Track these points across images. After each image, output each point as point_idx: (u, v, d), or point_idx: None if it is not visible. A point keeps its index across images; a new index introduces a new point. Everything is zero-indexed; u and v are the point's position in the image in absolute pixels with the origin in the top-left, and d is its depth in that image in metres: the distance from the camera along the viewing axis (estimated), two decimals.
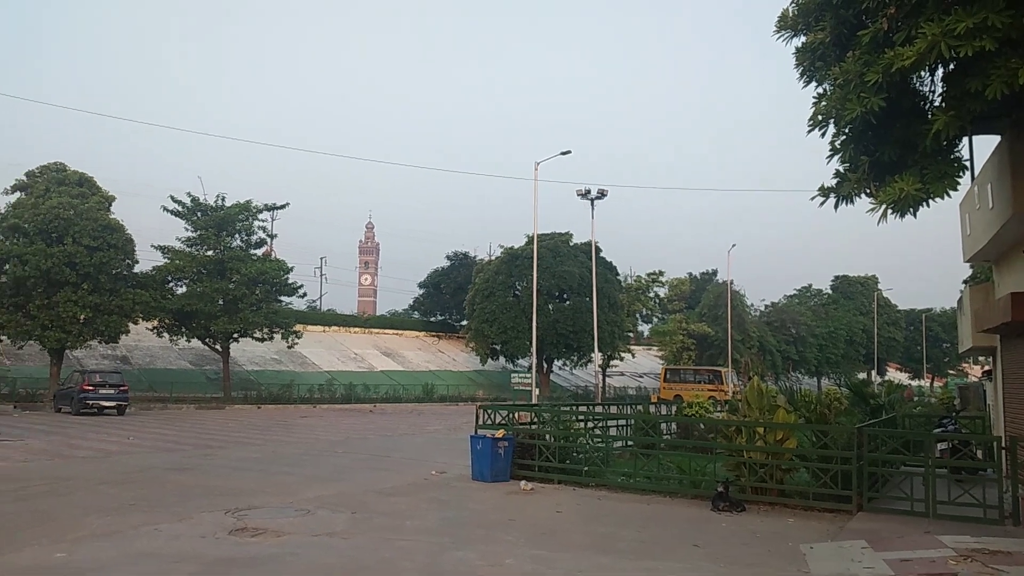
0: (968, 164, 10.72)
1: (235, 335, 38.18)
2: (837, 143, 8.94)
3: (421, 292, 66.74)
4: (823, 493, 10.63)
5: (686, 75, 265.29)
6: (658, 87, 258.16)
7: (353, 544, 8.12)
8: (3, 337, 32.93)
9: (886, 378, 66.61)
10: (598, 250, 46.68)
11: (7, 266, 30.91)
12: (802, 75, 9.27)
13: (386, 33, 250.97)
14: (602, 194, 41.15)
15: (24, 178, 33.63)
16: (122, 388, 29.26)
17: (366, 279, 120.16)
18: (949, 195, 8.16)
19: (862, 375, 67.10)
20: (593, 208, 41.44)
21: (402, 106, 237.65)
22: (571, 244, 51.97)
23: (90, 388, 28.37)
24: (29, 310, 31.36)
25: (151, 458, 15.59)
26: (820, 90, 9.01)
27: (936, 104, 8.33)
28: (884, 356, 76.56)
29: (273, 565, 7.08)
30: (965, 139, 10.77)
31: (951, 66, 7.88)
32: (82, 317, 31.86)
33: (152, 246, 38.13)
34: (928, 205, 8.28)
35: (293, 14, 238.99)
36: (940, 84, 8.42)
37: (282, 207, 42.11)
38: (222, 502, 10.34)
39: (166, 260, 37.32)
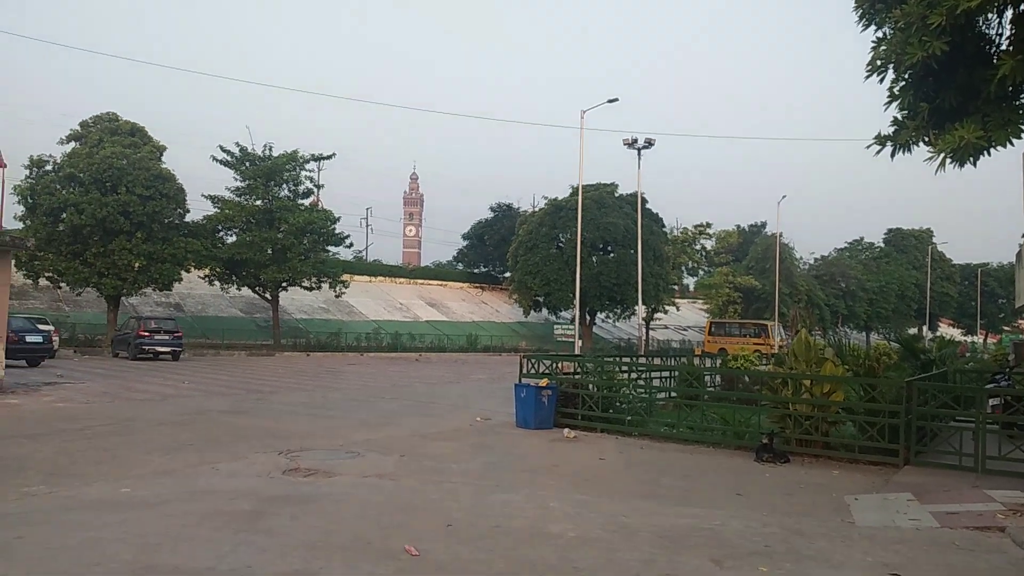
0: None
1: (284, 284, 38.90)
2: (896, 89, 8.64)
3: (465, 244, 67.05)
4: (869, 446, 10.56)
5: (737, 22, 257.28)
6: (709, 35, 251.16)
7: (401, 485, 8.35)
8: (63, 284, 34.09)
9: (938, 334, 65.25)
10: (644, 201, 46.13)
11: (64, 215, 31.80)
12: (861, 18, 8.94)
13: None
14: (649, 143, 40.47)
15: (78, 128, 34.34)
16: (176, 334, 30.17)
17: (410, 230, 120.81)
18: (1012, 143, 7.87)
19: (913, 331, 65.79)
20: (640, 158, 40.86)
21: (448, 56, 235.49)
22: (616, 195, 51.41)
23: (146, 334, 29.32)
24: (86, 258, 32.34)
25: (206, 401, 16.13)
26: (879, 34, 8.69)
27: (1003, 48, 7.99)
28: (936, 311, 74.92)
29: (325, 503, 7.34)
30: None
31: (1021, 7, 7.53)
32: (136, 265, 32.77)
33: (202, 195, 38.93)
34: (989, 154, 8.00)
35: None
36: (1008, 27, 8.05)
37: (328, 157, 42.34)
38: (275, 444, 10.70)
39: (216, 210, 38.01)
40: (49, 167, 32.96)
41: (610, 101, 33.80)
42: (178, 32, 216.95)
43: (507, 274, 57.40)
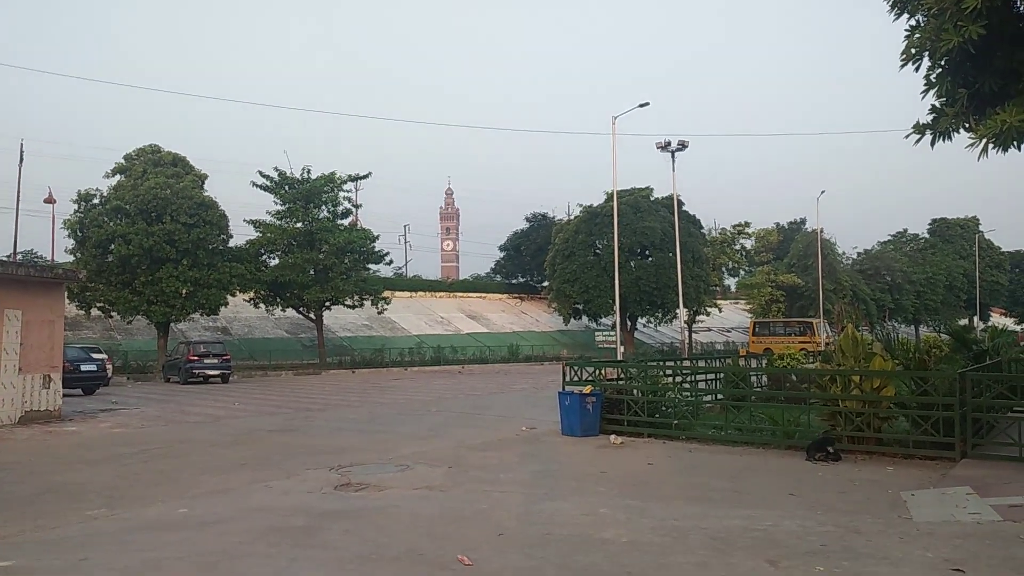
0: None
1: (327, 303, 39.38)
2: (932, 76, 8.50)
3: (502, 255, 67.19)
4: (924, 440, 10.34)
5: (767, 17, 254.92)
6: (738, 32, 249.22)
7: (451, 496, 8.41)
8: (114, 313, 34.96)
9: (989, 323, 63.48)
10: (680, 204, 45.79)
11: (113, 246, 32.65)
12: (892, 7, 8.83)
13: None
14: (683, 146, 40.20)
15: (123, 161, 35.29)
16: (225, 357, 30.73)
17: (448, 244, 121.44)
18: None
19: (964, 322, 64.12)
20: (674, 160, 40.57)
21: (477, 68, 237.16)
22: (651, 199, 51.10)
23: (195, 358, 29.91)
24: (135, 287, 33.13)
25: (256, 421, 16.41)
26: (913, 21, 8.57)
27: None
28: (987, 301, 72.96)
29: (378, 516, 7.42)
30: None
31: None
32: (184, 291, 33.47)
33: (244, 220, 39.61)
34: None
35: None
36: None
37: (365, 177, 42.86)
38: (325, 460, 10.85)
39: (258, 234, 38.67)
40: (96, 200, 33.88)
41: (641, 106, 33.62)
42: (214, 64, 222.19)
43: (545, 283, 57.36)
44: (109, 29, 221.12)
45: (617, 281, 36.01)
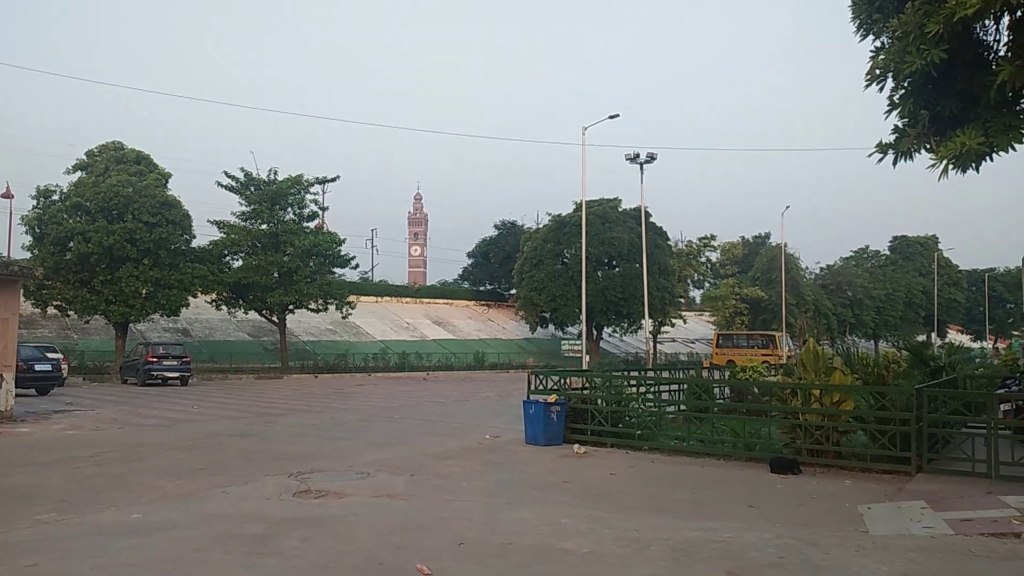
0: None
1: (291, 307, 38.94)
2: (896, 97, 8.70)
3: (470, 262, 67.10)
4: (881, 455, 10.50)
5: (737, 34, 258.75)
6: (707, 47, 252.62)
7: (412, 505, 8.34)
8: (71, 312, 34.23)
9: (947, 340, 64.90)
10: (648, 215, 46.19)
11: (72, 243, 31.97)
12: (859, 28, 9.03)
13: (430, 1, 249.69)
14: (651, 158, 40.63)
15: (84, 157, 34.59)
16: (184, 360, 30.21)
17: (415, 250, 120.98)
18: (1014, 148, 7.90)
19: (922, 337, 65.45)
20: (642, 172, 40.99)
21: (448, 75, 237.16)
22: (620, 210, 51.49)
23: (154, 360, 29.35)
24: (94, 285, 32.46)
25: (215, 425, 16.14)
26: (878, 43, 8.75)
27: (1001, 54, 8.03)
28: (945, 318, 74.58)
29: (336, 525, 7.33)
30: None
31: (1018, 13, 7.58)
32: (144, 291, 32.88)
33: (208, 221, 39.05)
34: (991, 160, 8.04)
35: None
36: (1006, 33, 8.11)
37: (332, 180, 42.53)
38: (285, 466, 10.69)
39: (222, 235, 38.14)
40: (56, 197, 33.14)
41: (611, 117, 33.89)
42: (181, 60, 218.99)
43: (513, 291, 57.45)
44: (73, 22, 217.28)
45: (584, 290, 36.18)
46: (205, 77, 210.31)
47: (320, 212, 41.56)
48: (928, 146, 8.51)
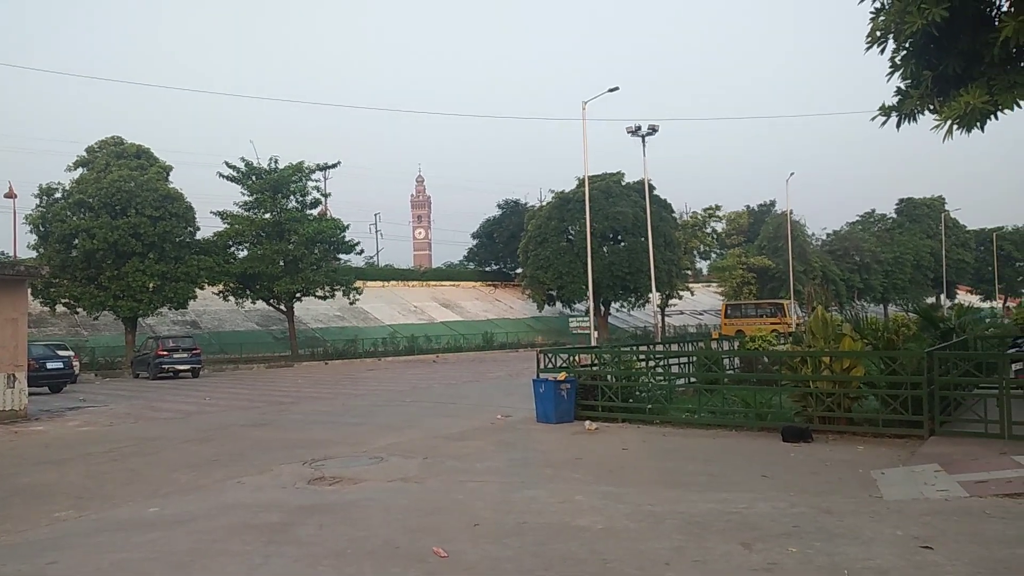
0: None
1: (298, 295, 39.05)
2: (897, 59, 8.57)
3: (475, 242, 66.96)
4: (893, 419, 10.48)
5: (735, 4, 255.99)
6: (706, 15, 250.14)
7: (426, 487, 8.38)
8: (79, 309, 34.38)
9: (956, 301, 64.70)
10: (651, 188, 45.99)
11: (77, 240, 32.06)
12: None
13: None
14: (653, 130, 40.36)
15: (85, 154, 34.59)
16: (195, 352, 30.36)
17: (420, 232, 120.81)
18: (1019, 106, 7.79)
19: (931, 300, 65.26)
20: (644, 145, 40.75)
21: (446, 54, 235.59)
22: (623, 184, 51.24)
23: (165, 353, 29.52)
24: (101, 282, 32.60)
25: (228, 416, 16.23)
26: (877, 5, 8.62)
27: (1004, 10, 7.90)
28: (953, 279, 74.29)
29: (352, 510, 7.37)
30: None
31: None
32: (151, 285, 32.98)
33: (211, 212, 39.10)
34: (996, 118, 7.94)
35: None
36: None
37: (334, 166, 42.61)
38: (299, 454, 10.75)
39: (226, 225, 38.21)
40: (59, 194, 33.22)
41: (611, 90, 33.61)
42: (177, 52, 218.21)
43: (519, 270, 57.35)
44: (69, 20, 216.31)
45: (590, 266, 36.10)
46: (201, 67, 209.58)
47: (323, 199, 41.56)
48: (932, 107, 8.40)
